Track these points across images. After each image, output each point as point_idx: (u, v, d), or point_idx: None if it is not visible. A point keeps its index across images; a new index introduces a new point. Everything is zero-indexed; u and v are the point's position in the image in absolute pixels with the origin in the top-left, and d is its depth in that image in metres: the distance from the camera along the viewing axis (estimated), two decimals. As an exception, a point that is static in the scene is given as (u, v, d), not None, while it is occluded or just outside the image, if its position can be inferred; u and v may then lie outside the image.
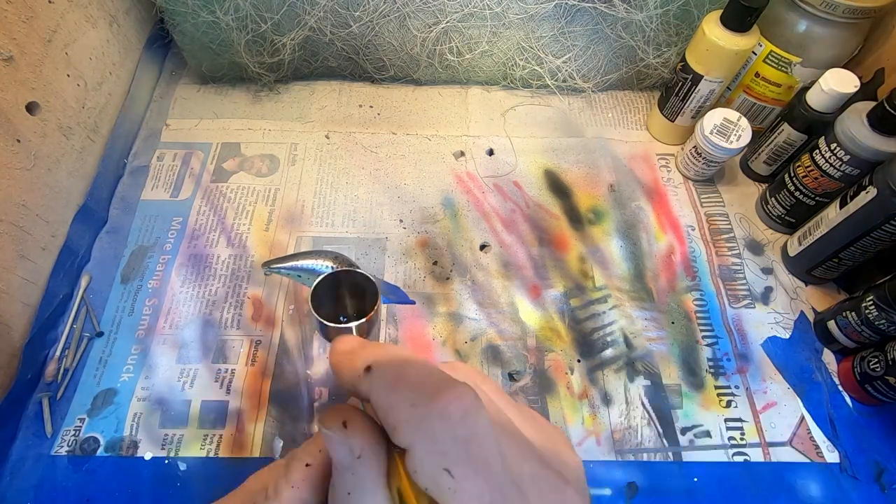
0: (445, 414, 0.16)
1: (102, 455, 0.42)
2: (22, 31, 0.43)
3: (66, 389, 0.45)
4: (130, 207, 0.55)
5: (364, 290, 0.28)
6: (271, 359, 0.47)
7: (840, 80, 0.47)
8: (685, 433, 0.45)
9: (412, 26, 0.57)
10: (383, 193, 0.57)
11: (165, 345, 0.47)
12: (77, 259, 0.50)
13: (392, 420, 0.16)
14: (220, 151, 0.59)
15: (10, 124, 0.42)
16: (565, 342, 0.49)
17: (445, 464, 0.15)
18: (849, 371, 0.47)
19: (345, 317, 0.28)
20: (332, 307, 0.28)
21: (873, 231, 0.44)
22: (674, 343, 0.49)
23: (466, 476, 0.15)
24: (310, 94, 0.64)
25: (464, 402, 0.16)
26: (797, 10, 0.49)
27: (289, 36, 0.57)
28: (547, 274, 0.52)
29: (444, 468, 0.15)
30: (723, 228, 0.56)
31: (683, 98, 0.56)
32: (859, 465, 0.44)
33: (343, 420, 0.17)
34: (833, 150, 0.46)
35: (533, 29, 0.58)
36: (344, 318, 0.28)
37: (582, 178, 0.59)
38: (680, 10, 0.54)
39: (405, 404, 0.16)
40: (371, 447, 0.17)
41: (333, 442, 0.17)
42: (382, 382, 0.17)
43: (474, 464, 0.15)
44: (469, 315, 0.50)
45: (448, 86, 0.65)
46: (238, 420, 0.44)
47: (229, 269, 0.51)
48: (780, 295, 0.52)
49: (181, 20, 0.55)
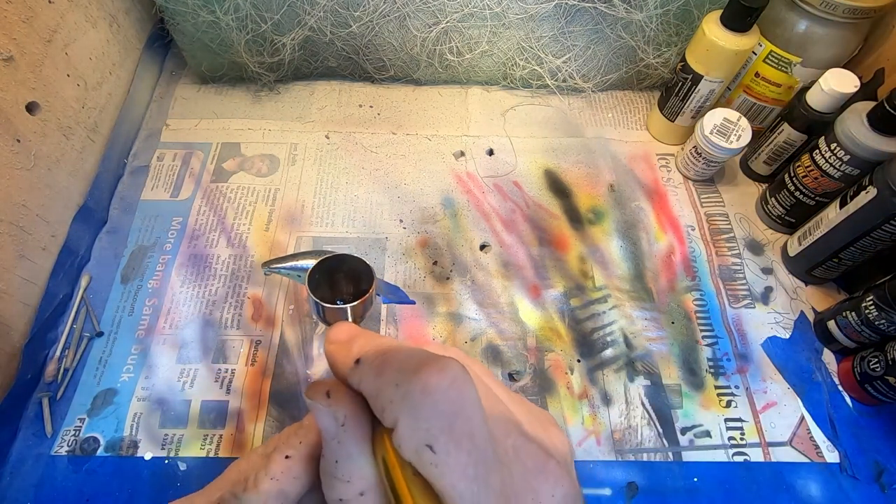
0: (427, 388, 0.16)
1: (102, 455, 0.42)
2: (22, 31, 0.43)
3: (66, 389, 0.45)
4: (130, 207, 0.55)
5: (359, 274, 0.29)
6: (271, 359, 0.47)
7: (840, 80, 0.47)
8: (685, 433, 0.45)
9: (412, 26, 0.57)
10: (383, 193, 0.57)
11: (165, 345, 0.47)
12: (77, 259, 0.50)
13: (380, 404, 0.17)
14: (220, 151, 0.59)
15: (10, 124, 0.42)
16: (565, 342, 0.49)
17: (428, 439, 0.15)
18: (849, 371, 0.47)
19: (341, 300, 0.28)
20: (328, 291, 0.29)
21: (873, 231, 0.44)
22: (674, 343, 0.49)
23: (449, 451, 0.15)
24: (310, 94, 0.64)
25: (449, 375, 0.16)
26: (797, 10, 0.49)
27: (289, 36, 0.57)
28: (547, 274, 0.52)
29: (427, 444, 0.15)
30: (723, 228, 0.56)
31: (683, 98, 0.56)
32: (859, 465, 0.44)
33: (326, 391, 0.18)
34: (833, 150, 0.46)
35: (533, 29, 0.58)
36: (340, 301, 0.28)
37: (582, 178, 0.59)
38: (680, 10, 0.55)
39: (390, 386, 0.16)
40: (354, 415, 0.18)
41: (319, 412, 0.18)
42: (370, 371, 0.18)
43: (457, 438, 0.16)
44: (469, 315, 0.50)
45: (448, 86, 0.65)
46: (238, 420, 0.44)
47: (229, 269, 0.51)
48: (780, 295, 0.52)
49: (181, 20, 0.55)
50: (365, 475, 0.18)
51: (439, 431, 0.15)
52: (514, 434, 0.18)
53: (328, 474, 0.18)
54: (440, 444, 0.15)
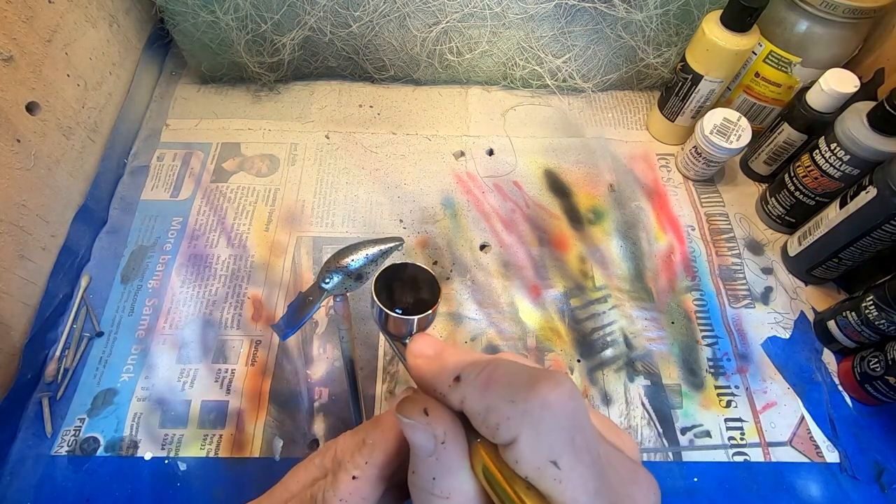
0: (546, 404, 0.16)
1: (102, 455, 0.42)
2: (22, 31, 0.43)
3: (66, 389, 0.45)
4: (130, 207, 0.55)
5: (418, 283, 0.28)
6: (271, 359, 0.47)
7: (840, 80, 0.47)
8: (685, 433, 0.45)
9: (412, 26, 0.57)
10: (383, 193, 0.57)
11: (165, 345, 0.47)
12: (77, 259, 0.50)
13: (493, 420, 0.16)
14: (220, 151, 0.59)
15: (10, 124, 0.42)
16: (565, 342, 0.49)
17: (552, 455, 0.15)
18: (849, 371, 0.47)
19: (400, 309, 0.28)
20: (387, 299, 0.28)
21: (873, 231, 0.44)
22: (674, 343, 0.49)
23: (572, 466, 0.15)
24: (310, 94, 0.64)
25: (566, 389, 0.16)
26: (797, 10, 0.49)
27: (289, 36, 0.57)
28: (547, 274, 0.52)
29: (551, 460, 0.15)
30: (723, 228, 0.56)
31: (683, 98, 0.56)
32: (859, 465, 0.44)
33: (424, 408, 0.18)
34: (833, 150, 0.46)
35: (533, 29, 0.58)
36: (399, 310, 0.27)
37: (582, 178, 0.59)
38: (680, 10, 0.54)
39: (503, 403, 0.16)
40: (453, 432, 0.17)
41: (415, 430, 0.17)
42: (474, 390, 0.17)
43: (579, 453, 0.16)
44: (469, 315, 0.50)
45: (448, 86, 0.65)
46: (238, 420, 0.44)
47: (229, 269, 0.51)
48: (780, 295, 0.52)
49: (181, 20, 0.55)
50: (465, 490, 0.17)
51: (562, 447, 0.15)
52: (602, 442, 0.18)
53: (424, 491, 0.18)
54: (564, 459, 0.15)
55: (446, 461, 0.17)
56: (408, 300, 0.28)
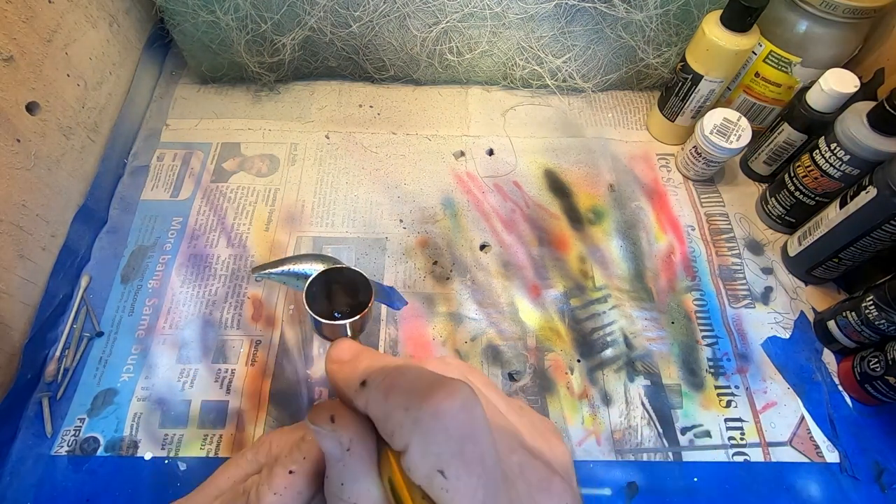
0: (438, 413, 0.16)
1: (102, 455, 0.42)
2: (22, 31, 0.43)
3: (66, 389, 0.45)
4: (130, 207, 0.55)
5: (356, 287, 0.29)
6: (271, 359, 0.47)
7: (840, 80, 0.47)
8: (685, 433, 0.45)
9: (412, 26, 0.57)
10: (383, 193, 0.57)
11: (165, 345, 0.47)
12: (77, 259, 0.50)
13: (389, 428, 0.16)
14: (220, 151, 0.59)
15: (10, 124, 0.42)
16: (565, 342, 0.49)
17: (439, 465, 0.15)
18: (849, 371, 0.47)
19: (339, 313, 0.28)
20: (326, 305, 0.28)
21: (873, 231, 0.44)
22: (674, 343, 0.49)
23: (459, 476, 0.15)
24: (310, 94, 0.64)
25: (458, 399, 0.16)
26: (797, 10, 0.49)
27: (289, 36, 0.57)
28: (547, 274, 0.52)
29: (438, 469, 0.15)
30: (723, 228, 0.56)
31: (683, 98, 0.56)
32: (859, 465, 0.44)
33: (330, 415, 0.18)
34: (833, 150, 0.46)
35: (533, 29, 0.58)
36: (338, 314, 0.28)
37: (582, 178, 0.59)
38: (680, 10, 0.55)
39: (398, 410, 0.16)
40: (359, 439, 0.18)
41: (323, 436, 0.18)
42: (377, 395, 0.17)
43: (467, 463, 0.15)
44: (469, 315, 0.50)
45: (448, 86, 0.65)
46: (238, 420, 0.44)
47: (229, 269, 0.51)
48: (780, 295, 0.52)
49: (181, 20, 0.55)
50: (371, 496, 0.17)
51: (450, 456, 0.15)
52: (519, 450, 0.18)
53: (333, 495, 0.18)
54: (451, 469, 0.15)
55: (353, 467, 0.17)
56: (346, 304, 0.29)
